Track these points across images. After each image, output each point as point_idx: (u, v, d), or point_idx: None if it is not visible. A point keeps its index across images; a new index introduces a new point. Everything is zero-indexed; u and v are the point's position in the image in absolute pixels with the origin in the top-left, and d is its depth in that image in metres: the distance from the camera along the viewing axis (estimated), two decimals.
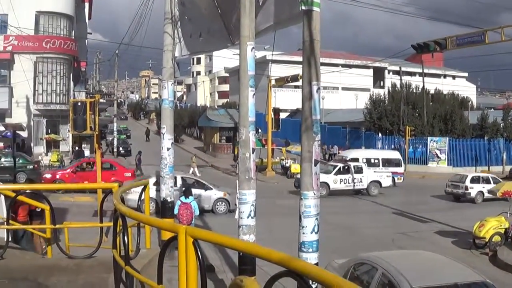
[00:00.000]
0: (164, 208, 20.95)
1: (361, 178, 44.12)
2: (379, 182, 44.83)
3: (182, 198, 21.39)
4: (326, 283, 4.10)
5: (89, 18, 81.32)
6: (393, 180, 48.06)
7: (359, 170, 44.44)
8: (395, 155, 52.96)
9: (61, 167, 49.27)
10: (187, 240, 5.75)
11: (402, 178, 49.94)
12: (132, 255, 8.77)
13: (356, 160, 48.15)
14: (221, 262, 20.52)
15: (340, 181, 43.46)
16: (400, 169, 50.58)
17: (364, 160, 48.94)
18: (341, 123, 78.30)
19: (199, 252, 5.73)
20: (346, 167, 44.05)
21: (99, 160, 24.47)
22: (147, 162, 56.21)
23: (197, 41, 21.36)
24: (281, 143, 64.55)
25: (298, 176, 41.10)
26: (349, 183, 43.52)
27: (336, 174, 43.52)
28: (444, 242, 26.15)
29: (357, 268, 13.35)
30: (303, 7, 12.54)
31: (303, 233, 12.70)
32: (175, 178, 40.98)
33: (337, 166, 44.58)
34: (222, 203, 33.51)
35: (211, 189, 33.64)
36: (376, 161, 50.58)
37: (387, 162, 50.67)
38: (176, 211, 21.31)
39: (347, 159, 47.97)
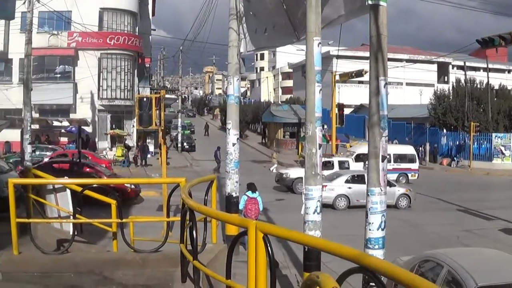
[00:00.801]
0: (229, 203, 20.97)
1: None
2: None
3: (249, 193, 21.41)
4: (400, 280, 4.06)
5: (153, 14, 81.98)
6: (406, 177, 47.64)
7: (344, 166, 43.13)
8: (409, 150, 51.05)
9: (126, 162, 49.82)
10: (257, 235, 5.75)
11: (416, 175, 48.59)
12: (199, 249, 8.80)
13: (364, 155, 46.00)
14: (285, 258, 20.50)
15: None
16: (414, 166, 49.14)
17: None
18: (405, 118, 77.52)
19: (269, 247, 5.72)
20: (330, 163, 42.36)
21: (164, 155, 24.63)
22: (206, 158, 56.65)
23: (262, 37, 21.32)
24: (345, 139, 64.31)
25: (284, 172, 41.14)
26: None
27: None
28: (509, 240, 25.61)
29: (422, 265, 13.22)
30: (370, 2, 12.44)
31: (370, 230, 12.62)
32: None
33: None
34: (404, 199, 34.95)
35: (395, 185, 34.99)
36: (389, 156, 47.74)
37: (400, 158, 48.65)
38: (241, 206, 21.34)
39: (354, 153, 47.00)
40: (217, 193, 11.64)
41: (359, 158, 45.63)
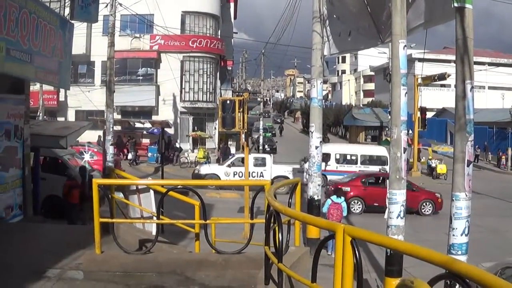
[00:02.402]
0: (311, 206, 20.96)
1: (262, 172, 41.39)
2: (287, 178, 39.08)
3: (333, 198, 21.44)
4: (491, 286, 4.02)
5: (235, 18, 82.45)
6: None
7: (260, 163, 41.78)
8: (380, 151, 47.76)
9: (207, 163, 50.25)
10: (345, 239, 5.75)
11: None
12: (282, 252, 8.83)
13: (328, 155, 43.95)
14: (365, 261, 20.38)
15: (234, 174, 40.88)
16: (386, 168, 43.51)
17: (338, 156, 45.58)
18: (487, 123, 76.36)
19: (357, 252, 5.72)
20: (242, 159, 39.48)
21: (247, 158, 24.74)
22: (286, 160, 56.66)
23: (346, 40, 21.25)
24: (427, 143, 63.68)
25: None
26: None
27: (229, 166, 41.45)
28: None
29: (503, 272, 13.04)
30: (456, 4, 12.31)
31: (453, 235, 12.47)
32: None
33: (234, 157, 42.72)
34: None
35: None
36: (354, 157, 46.23)
37: (370, 160, 46.20)
38: (325, 210, 21.36)
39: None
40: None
41: (346, 159, 45.64)
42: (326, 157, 43.57)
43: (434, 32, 43.52)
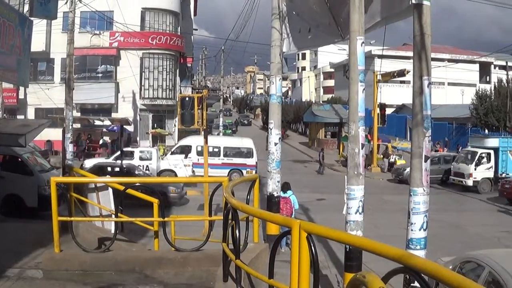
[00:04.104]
0: (270, 203, 20.99)
1: (148, 166, 40.45)
2: (174, 172, 40.25)
3: (281, 193, 21.47)
4: (445, 281, 4.04)
5: (195, 14, 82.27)
6: (241, 173, 43.40)
7: (147, 157, 41.34)
8: (245, 144, 46.64)
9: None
10: (301, 234, 5.75)
11: (253, 171, 43.69)
12: (241, 249, 8.82)
13: (189, 147, 44.58)
14: (325, 257, 20.49)
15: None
16: (251, 161, 44.86)
17: (199, 148, 43.06)
18: (447, 118, 76.96)
19: (313, 248, 5.72)
20: (130, 152, 41.05)
21: (206, 155, 24.65)
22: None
23: (306, 36, 21.30)
24: (386, 139, 64.04)
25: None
26: None
27: (116, 159, 39.36)
28: None
29: (463, 266, 13.15)
30: (413, 1, 12.43)
31: (412, 230, 12.59)
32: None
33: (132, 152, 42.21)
34: None
35: None
36: (216, 150, 44.73)
37: (233, 152, 45.31)
38: None
39: (177, 145, 45.71)
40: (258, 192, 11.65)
41: (208, 152, 43.72)
42: (187, 149, 44.13)
43: (394, 28, 43.76)
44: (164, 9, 61.79)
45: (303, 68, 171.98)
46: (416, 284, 4.50)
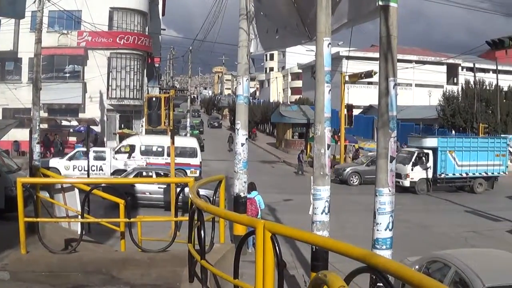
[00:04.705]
0: (237, 203, 21.00)
1: (101, 166, 41.07)
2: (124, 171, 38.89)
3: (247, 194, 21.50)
4: (408, 280, 4.07)
5: (163, 14, 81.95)
6: (185, 173, 42.18)
7: (100, 156, 41.49)
8: (189, 143, 46.73)
9: None
10: (265, 234, 5.77)
11: (197, 171, 43.82)
12: (207, 249, 8.82)
13: (132, 147, 44.09)
14: (293, 258, 20.57)
15: (74, 168, 40.49)
16: (195, 161, 44.60)
17: (143, 148, 44.13)
18: (414, 119, 77.57)
19: (277, 247, 5.74)
20: (83, 152, 39.52)
21: (173, 155, 24.61)
22: (214, 158, 56.71)
23: (273, 37, 21.32)
24: (354, 140, 64.31)
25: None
26: (84, 170, 37.73)
27: (70, 159, 41.14)
28: None
29: (429, 266, 13.27)
30: (380, 3, 12.46)
31: (377, 230, 12.63)
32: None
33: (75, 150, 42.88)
34: None
35: None
36: (160, 149, 44.69)
37: (178, 152, 42.23)
38: None
39: (121, 145, 45.40)
40: (225, 193, 11.66)
41: (151, 151, 44.52)
42: (131, 149, 43.89)
43: (362, 30, 43.83)
44: (132, 9, 61.43)
45: (271, 69, 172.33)
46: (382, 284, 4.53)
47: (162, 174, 32.18)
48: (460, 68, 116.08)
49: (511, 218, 30.46)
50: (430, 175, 42.90)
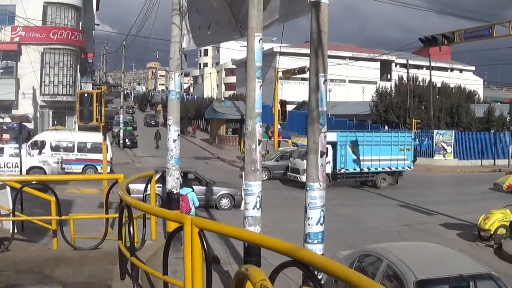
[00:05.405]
0: (170, 200, 20.92)
1: (17, 163, 37.05)
2: (43, 169, 38.71)
3: (180, 190, 21.43)
4: (331, 272, 4.11)
5: (97, 9, 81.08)
6: (95, 169, 43.05)
7: (16, 153, 38.59)
8: (99, 138, 41.55)
9: None
10: (193, 230, 5.76)
11: (108, 167, 41.38)
12: (138, 246, 8.78)
13: (43, 142, 43.96)
14: (227, 254, 20.57)
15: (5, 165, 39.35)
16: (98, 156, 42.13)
17: (53, 144, 44.15)
18: (348, 115, 78.31)
19: (204, 243, 5.74)
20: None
21: (105, 152, 24.43)
22: (148, 154, 56.44)
23: (206, 33, 21.33)
24: (287, 135, 64.57)
25: None
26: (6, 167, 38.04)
27: None
28: (449, 235, 26.17)
29: (362, 260, 13.36)
30: None
31: (309, 225, 12.72)
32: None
33: None
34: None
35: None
36: (71, 145, 44.51)
37: (88, 148, 44.63)
38: None
39: (32, 140, 44.56)
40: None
41: (61, 147, 44.29)
42: (41, 145, 43.52)
43: (296, 26, 44.04)
44: (66, 3, 60.49)
45: (205, 65, 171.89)
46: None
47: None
48: (393, 64, 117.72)
49: (444, 211, 30.98)
50: (329, 170, 40.38)
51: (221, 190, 32.83)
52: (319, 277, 8.06)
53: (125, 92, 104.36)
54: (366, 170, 43.41)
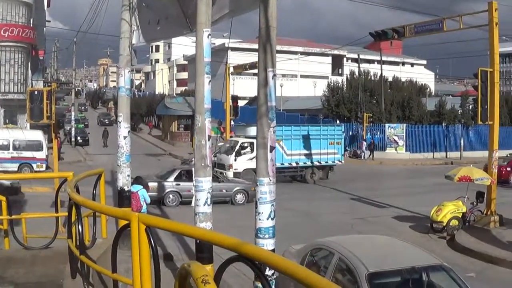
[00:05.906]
0: (121, 198, 20.77)
1: None
2: None
3: (131, 188, 21.33)
4: (275, 266, 4.13)
5: (48, 5, 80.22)
6: (31, 167, 42.02)
7: None
8: (34, 136, 44.49)
9: None
10: (140, 227, 5.75)
11: (44, 165, 42.64)
12: (89, 244, 8.75)
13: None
14: (179, 251, 20.53)
15: None
16: (40, 154, 43.15)
17: None
18: (299, 110, 78.60)
19: (151, 239, 5.73)
20: None
21: (56, 150, 24.26)
22: (100, 152, 56.14)
23: (155, 28, 21.22)
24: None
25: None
26: None
27: None
28: (401, 227, 26.44)
29: (314, 254, 13.36)
30: None
31: (259, 219, 12.71)
32: None
33: None
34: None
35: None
36: (6, 143, 42.86)
37: (23, 146, 43.28)
38: None
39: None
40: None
41: None
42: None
43: (248, 22, 44.15)
44: (17, 0, 59.97)
45: (157, 61, 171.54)
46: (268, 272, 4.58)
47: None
48: (345, 59, 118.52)
49: (396, 204, 31.27)
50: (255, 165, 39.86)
51: (236, 185, 33.41)
52: (270, 272, 8.12)
53: (77, 89, 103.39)
54: (294, 164, 43.11)
